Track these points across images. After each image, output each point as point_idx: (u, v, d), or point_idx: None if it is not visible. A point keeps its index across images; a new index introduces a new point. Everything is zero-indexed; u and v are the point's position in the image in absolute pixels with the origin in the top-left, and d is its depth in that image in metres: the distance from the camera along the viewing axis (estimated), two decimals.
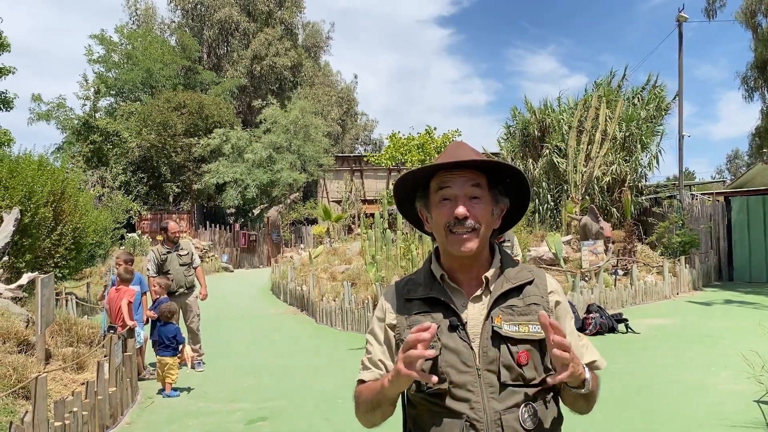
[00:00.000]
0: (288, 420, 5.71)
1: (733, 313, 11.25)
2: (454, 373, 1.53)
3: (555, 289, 1.68)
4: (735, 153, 64.61)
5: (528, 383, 1.54)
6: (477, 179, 1.61)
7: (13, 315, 6.85)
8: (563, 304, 1.68)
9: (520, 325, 1.55)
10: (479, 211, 1.59)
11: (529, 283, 1.64)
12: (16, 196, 10.17)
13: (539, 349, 1.56)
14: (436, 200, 1.63)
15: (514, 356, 1.53)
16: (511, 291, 1.61)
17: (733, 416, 5.35)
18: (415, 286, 1.69)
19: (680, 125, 18.09)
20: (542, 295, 1.63)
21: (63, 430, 4.55)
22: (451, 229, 1.58)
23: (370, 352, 1.72)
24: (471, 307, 1.60)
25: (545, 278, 1.69)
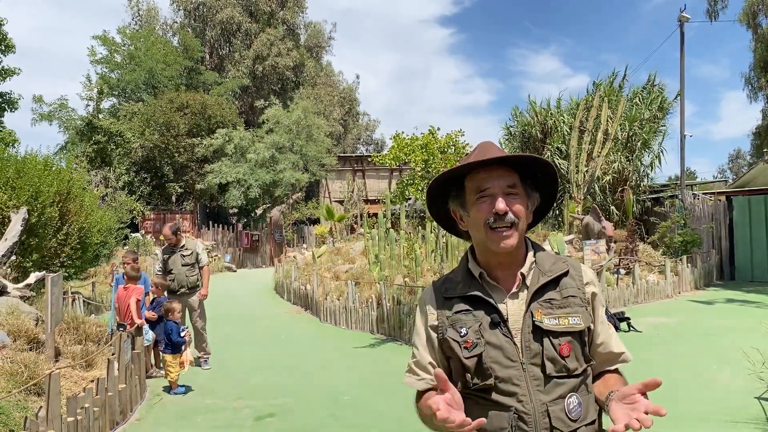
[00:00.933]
0: (296, 417, 5.79)
1: (735, 312, 11.31)
2: (498, 369, 1.57)
3: (591, 279, 1.71)
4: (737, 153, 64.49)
5: (571, 374, 1.58)
6: (512, 176, 1.65)
7: (22, 313, 6.93)
8: (599, 295, 1.71)
9: (559, 318, 1.59)
10: (517, 206, 1.63)
11: (565, 275, 1.67)
12: (23, 196, 10.25)
13: (579, 340, 1.61)
14: (474, 199, 1.66)
15: (557, 349, 1.57)
16: (547, 284, 1.64)
17: (735, 412, 5.42)
18: (454, 284, 1.72)
19: (682, 125, 18.16)
20: (579, 287, 1.67)
21: (75, 425, 4.64)
22: (491, 225, 1.61)
23: (416, 356, 1.75)
24: (510, 303, 1.63)
25: (581, 269, 1.72)
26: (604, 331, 1.70)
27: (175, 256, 7.93)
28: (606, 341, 1.69)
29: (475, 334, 1.60)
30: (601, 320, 1.69)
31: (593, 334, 1.68)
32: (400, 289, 10.33)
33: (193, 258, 8.01)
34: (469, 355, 1.59)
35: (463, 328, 1.62)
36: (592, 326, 1.66)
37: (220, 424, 5.62)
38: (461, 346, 1.61)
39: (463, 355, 1.60)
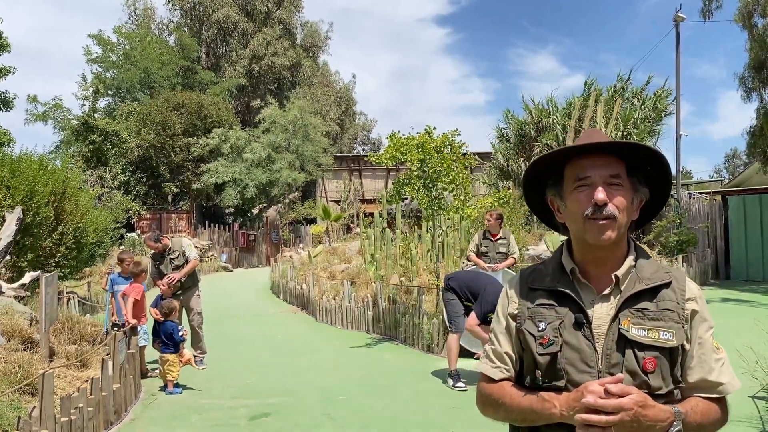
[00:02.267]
0: (291, 416, 5.78)
1: (730, 311, 11.34)
2: (573, 372, 1.47)
3: (695, 295, 1.54)
4: (733, 152, 64.73)
5: (653, 393, 1.43)
6: (616, 165, 1.52)
7: (17, 313, 6.91)
8: (701, 314, 1.54)
9: (649, 330, 1.46)
10: (619, 198, 1.50)
11: (665, 286, 1.53)
12: (18, 195, 10.22)
13: (669, 357, 1.47)
14: (572, 187, 1.55)
15: (639, 362, 1.44)
16: (643, 292, 1.51)
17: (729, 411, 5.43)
18: (542, 276, 1.63)
19: (678, 124, 18.22)
20: (678, 301, 1.51)
21: (69, 425, 4.62)
22: (589, 216, 1.49)
23: (494, 343, 1.67)
24: (598, 306, 1.52)
25: (684, 282, 1.56)
26: (704, 353, 1.51)
27: (165, 260, 7.91)
28: (702, 365, 1.50)
29: (553, 332, 1.51)
30: (700, 341, 1.51)
31: (687, 355, 1.51)
32: (396, 288, 10.33)
33: (182, 259, 7.94)
34: (544, 352, 1.51)
35: (542, 322, 1.54)
36: (687, 345, 1.50)
37: (216, 423, 5.61)
38: (536, 341, 1.53)
39: (537, 351, 1.52)
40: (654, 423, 1.36)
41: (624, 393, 1.34)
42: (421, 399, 6.28)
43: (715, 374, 1.50)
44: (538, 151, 19.38)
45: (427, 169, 8.67)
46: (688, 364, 1.51)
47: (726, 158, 67.03)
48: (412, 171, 8.79)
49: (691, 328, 1.51)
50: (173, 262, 7.87)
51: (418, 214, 18.10)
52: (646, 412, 1.34)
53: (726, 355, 1.55)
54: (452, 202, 9.19)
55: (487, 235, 8.18)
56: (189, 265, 7.84)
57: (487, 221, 8.23)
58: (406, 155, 8.66)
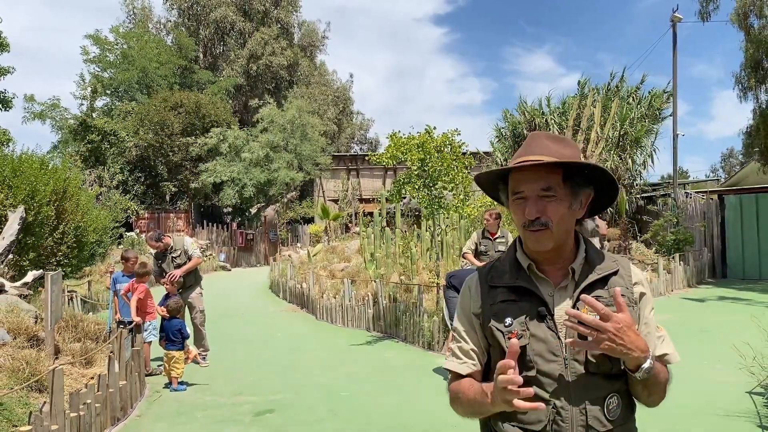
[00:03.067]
0: (295, 412, 5.85)
1: (727, 309, 11.44)
2: (541, 362, 1.55)
3: (640, 280, 1.68)
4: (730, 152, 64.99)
5: (614, 374, 1.56)
6: (549, 177, 1.59)
7: (22, 311, 6.98)
8: (647, 296, 1.67)
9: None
10: (552, 209, 1.58)
11: (614, 274, 1.64)
12: (20, 195, 10.28)
13: None
14: (512, 198, 1.65)
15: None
16: (596, 282, 1.61)
17: (726, 406, 5.53)
18: (500, 273, 1.69)
19: (674, 124, 18.32)
20: (627, 286, 1.63)
21: (78, 420, 4.69)
22: (525, 226, 1.60)
23: (460, 340, 1.72)
24: (557, 297, 1.61)
25: (630, 268, 1.68)
26: (649, 332, 1.64)
27: (167, 259, 7.97)
28: (649, 343, 1.59)
29: (520, 326, 1.58)
30: (646, 321, 1.65)
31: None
32: (397, 287, 10.40)
33: (184, 257, 8.01)
34: None
35: (508, 318, 1.60)
36: (637, 327, 1.58)
37: (220, 419, 5.68)
38: (505, 336, 1.59)
39: (505, 345, 1.57)
40: (633, 347, 1.46)
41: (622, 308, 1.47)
42: (422, 396, 6.36)
43: (659, 349, 1.66)
44: None
45: (428, 169, 8.74)
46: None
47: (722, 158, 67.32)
48: (412, 170, 8.86)
49: (640, 309, 1.65)
50: (175, 261, 7.93)
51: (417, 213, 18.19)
52: (629, 333, 1.45)
53: (666, 332, 1.72)
54: (452, 201, 9.26)
55: (486, 234, 8.25)
56: (191, 261, 7.90)
57: (486, 220, 8.30)
58: (407, 154, 8.73)
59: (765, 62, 15.23)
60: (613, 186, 1.70)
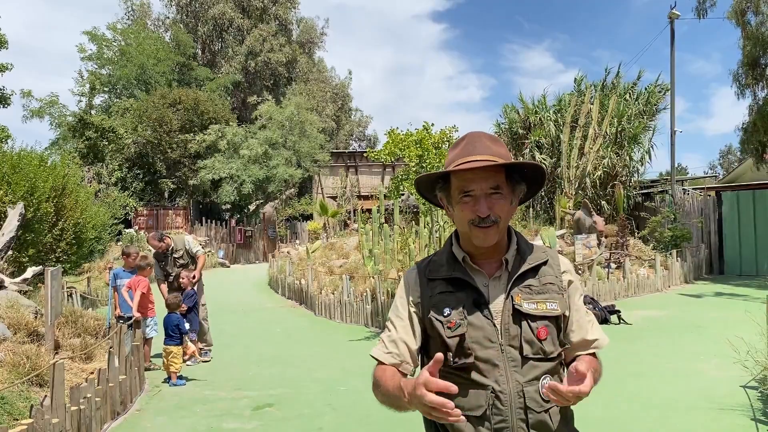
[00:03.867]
0: (293, 406, 5.90)
1: (723, 305, 11.50)
2: (479, 349, 1.62)
3: (567, 268, 1.79)
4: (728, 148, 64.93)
5: (547, 357, 1.65)
6: (496, 176, 1.67)
7: (22, 307, 7.02)
8: (575, 283, 1.79)
9: (538, 303, 1.66)
10: (500, 206, 1.67)
11: (544, 264, 1.74)
12: (19, 191, 10.31)
13: (555, 324, 1.68)
14: (458, 197, 1.70)
15: (534, 332, 1.63)
16: (528, 272, 1.71)
17: (721, 400, 5.58)
18: (437, 266, 1.77)
19: (672, 121, 18.36)
20: (556, 274, 1.74)
21: (78, 414, 4.74)
22: (474, 223, 1.66)
23: (391, 329, 1.78)
24: (492, 287, 1.70)
25: (558, 258, 1.80)
26: (579, 317, 1.75)
27: (169, 259, 8.01)
28: (580, 327, 1.74)
29: (458, 315, 1.65)
30: (576, 307, 1.75)
31: (569, 320, 1.74)
32: (395, 283, 10.44)
33: (187, 257, 8.06)
34: (452, 334, 1.64)
35: (447, 308, 1.68)
36: (567, 313, 1.72)
37: (220, 413, 5.72)
38: (444, 326, 1.66)
39: (446, 335, 1.65)
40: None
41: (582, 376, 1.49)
42: None
43: (590, 333, 1.75)
44: (527, 150, 19.60)
45: (426, 165, 8.78)
46: (571, 327, 1.75)
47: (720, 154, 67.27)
48: (410, 167, 8.90)
49: (569, 296, 1.75)
50: (178, 261, 7.98)
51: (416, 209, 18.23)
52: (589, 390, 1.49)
53: (594, 316, 1.81)
54: None
55: None
56: (200, 260, 8.05)
57: None
58: (405, 151, 8.77)
59: (762, 59, 15.25)
60: (543, 179, 1.81)
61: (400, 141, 8.77)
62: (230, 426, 5.36)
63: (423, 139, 8.67)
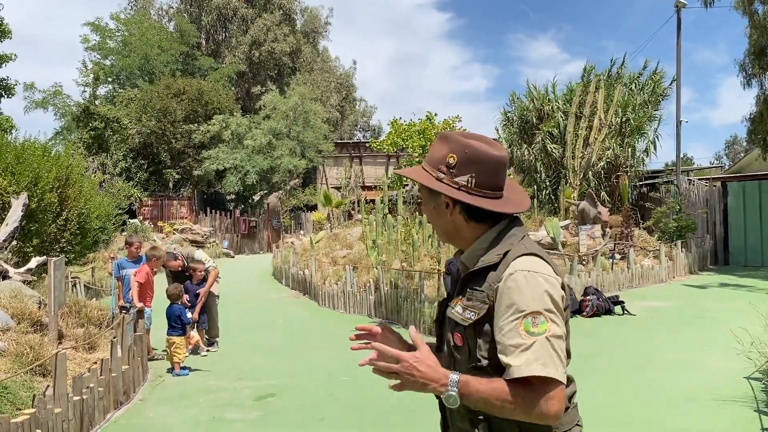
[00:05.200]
0: (295, 396, 5.92)
1: (728, 296, 11.47)
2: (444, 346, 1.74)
3: (510, 276, 1.51)
4: (734, 139, 64.62)
5: (460, 364, 1.59)
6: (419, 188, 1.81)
7: (25, 297, 7.04)
8: (507, 295, 1.49)
9: (465, 309, 1.58)
10: (425, 210, 1.81)
11: (493, 268, 1.57)
12: (23, 182, 10.32)
13: (474, 334, 1.55)
14: None
15: (452, 338, 1.63)
16: (476, 275, 1.59)
17: (724, 391, 5.57)
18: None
19: (678, 111, 18.25)
20: (493, 282, 1.54)
21: (81, 404, 4.76)
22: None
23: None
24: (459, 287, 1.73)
25: (509, 264, 1.54)
26: (501, 336, 1.48)
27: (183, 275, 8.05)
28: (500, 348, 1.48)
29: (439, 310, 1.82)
30: (501, 324, 1.49)
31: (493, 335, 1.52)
32: (398, 273, 10.44)
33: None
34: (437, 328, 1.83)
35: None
36: (487, 326, 1.53)
37: (222, 403, 5.74)
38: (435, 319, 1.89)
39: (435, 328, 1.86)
40: (426, 380, 1.52)
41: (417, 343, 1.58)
42: None
43: (509, 358, 1.45)
44: (539, 138, 19.47)
45: None
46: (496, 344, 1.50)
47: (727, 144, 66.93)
48: (413, 157, 8.87)
49: (496, 309, 1.51)
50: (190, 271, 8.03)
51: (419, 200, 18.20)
52: (419, 367, 1.52)
53: (538, 340, 1.44)
54: None
55: None
56: (211, 275, 8.02)
57: None
58: (408, 141, 8.74)
59: None
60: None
61: (403, 131, 8.74)
62: (232, 416, 5.38)
63: (426, 129, 8.63)
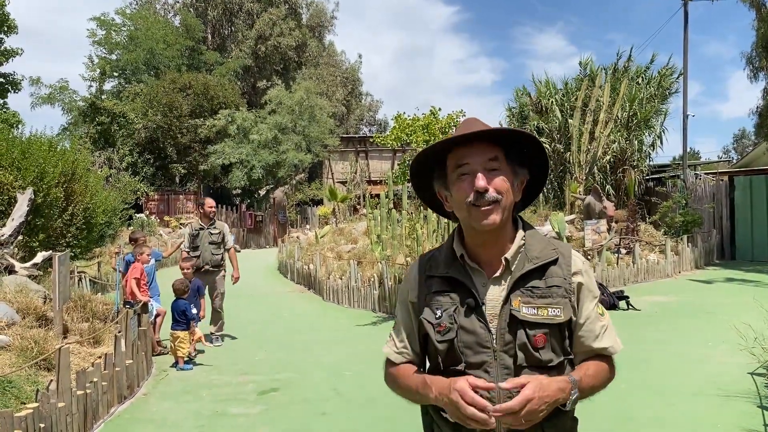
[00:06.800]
0: (298, 391, 5.94)
1: (734, 291, 11.41)
2: (470, 354, 1.54)
3: (580, 269, 1.62)
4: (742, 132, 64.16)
5: (545, 366, 1.53)
6: (494, 152, 1.57)
7: (31, 291, 7.08)
8: (587, 286, 1.62)
9: (539, 308, 1.53)
10: (499, 182, 1.55)
11: (553, 263, 1.59)
12: (29, 176, 10.36)
13: (558, 332, 1.55)
14: (455, 177, 1.60)
15: (531, 339, 1.52)
16: (533, 271, 1.57)
17: (728, 387, 5.55)
18: (437, 263, 1.68)
19: (684, 105, 18.15)
20: (565, 276, 1.58)
21: (85, 398, 4.78)
22: (473, 203, 1.54)
23: (397, 327, 1.77)
24: (491, 288, 1.58)
25: (571, 257, 1.62)
26: (588, 324, 1.61)
27: (204, 233, 8.07)
28: (588, 335, 1.61)
29: (449, 318, 1.57)
30: (586, 312, 1.61)
31: (576, 326, 1.61)
32: (402, 268, 10.44)
33: (220, 237, 8.17)
34: (442, 339, 1.57)
35: (439, 310, 1.60)
36: (574, 318, 1.59)
37: (225, 397, 5.77)
38: (434, 330, 1.59)
39: (436, 339, 1.59)
40: (556, 397, 1.44)
41: (518, 385, 1.42)
42: None
43: (599, 341, 1.61)
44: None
45: None
46: (577, 334, 1.61)
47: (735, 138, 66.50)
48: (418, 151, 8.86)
49: (578, 300, 1.60)
50: (212, 236, 8.08)
51: None
52: (546, 393, 1.42)
53: (609, 320, 1.66)
54: None
55: None
56: (234, 257, 8.40)
57: None
58: (412, 136, 8.72)
59: None
60: (544, 173, 1.72)
61: (407, 126, 8.73)
62: (235, 410, 5.40)
63: (430, 123, 8.62)
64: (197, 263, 7.95)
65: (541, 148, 1.65)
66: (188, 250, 8.06)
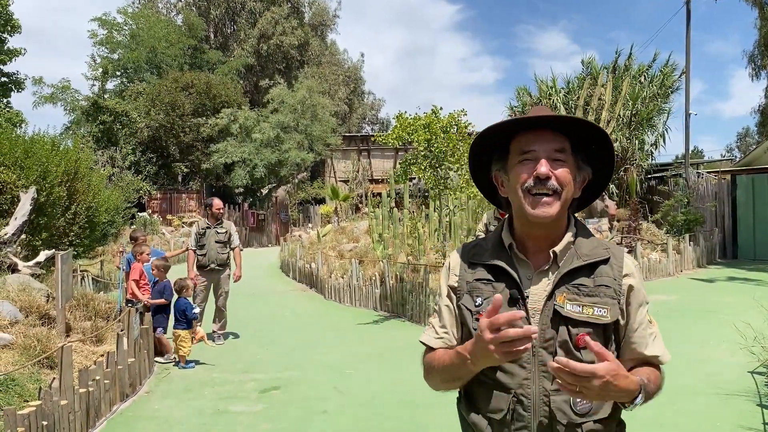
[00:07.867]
0: (300, 389, 5.96)
1: (735, 290, 11.40)
2: None
3: (631, 272, 1.56)
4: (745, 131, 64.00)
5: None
6: (562, 142, 1.52)
7: (34, 290, 7.11)
8: (637, 289, 1.55)
9: (584, 306, 1.48)
10: (563, 173, 1.50)
11: (603, 262, 1.54)
12: (32, 175, 10.40)
13: (603, 332, 1.50)
14: (516, 161, 1.54)
15: (572, 338, 1.47)
16: (581, 269, 1.52)
17: (728, 386, 5.56)
18: (482, 251, 1.63)
19: (687, 103, 18.12)
20: (615, 277, 1.52)
21: (87, 396, 4.81)
22: (531, 190, 1.49)
23: (438, 315, 1.69)
24: (536, 281, 1.54)
25: (622, 258, 1.56)
26: (640, 330, 1.55)
27: (211, 231, 8.12)
28: (639, 341, 1.55)
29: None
30: (636, 318, 1.55)
31: (625, 330, 1.55)
32: (403, 267, 10.46)
33: (226, 237, 8.21)
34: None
35: (479, 297, 1.55)
36: (622, 321, 1.53)
37: (227, 396, 5.79)
38: (473, 317, 1.55)
39: (473, 326, 1.53)
40: (621, 392, 1.36)
41: (602, 356, 1.32)
42: None
43: (650, 349, 1.56)
44: None
45: (434, 149, 8.76)
46: (626, 339, 1.55)
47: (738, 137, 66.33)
48: (418, 151, 8.88)
49: (627, 304, 1.54)
50: (218, 235, 8.14)
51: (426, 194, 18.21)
52: (617, 382, 1.33)
53: (657, 328, 1.61)
54: (458, 181, 9.28)
55: (496, 215, 8.27)
56: (238, 256, 8.45)
57: None
58: (413, 135, 8.74)
59: None
60: (609, 171, 1.65)
61: (408, 125, 8.75)
62: (237, 408, 5.43)
63: (431, 123, 8.63)
64: (203, 261, 8.00)
65: (610, 147, 1.60)
66: (194, 248, 8.10)
